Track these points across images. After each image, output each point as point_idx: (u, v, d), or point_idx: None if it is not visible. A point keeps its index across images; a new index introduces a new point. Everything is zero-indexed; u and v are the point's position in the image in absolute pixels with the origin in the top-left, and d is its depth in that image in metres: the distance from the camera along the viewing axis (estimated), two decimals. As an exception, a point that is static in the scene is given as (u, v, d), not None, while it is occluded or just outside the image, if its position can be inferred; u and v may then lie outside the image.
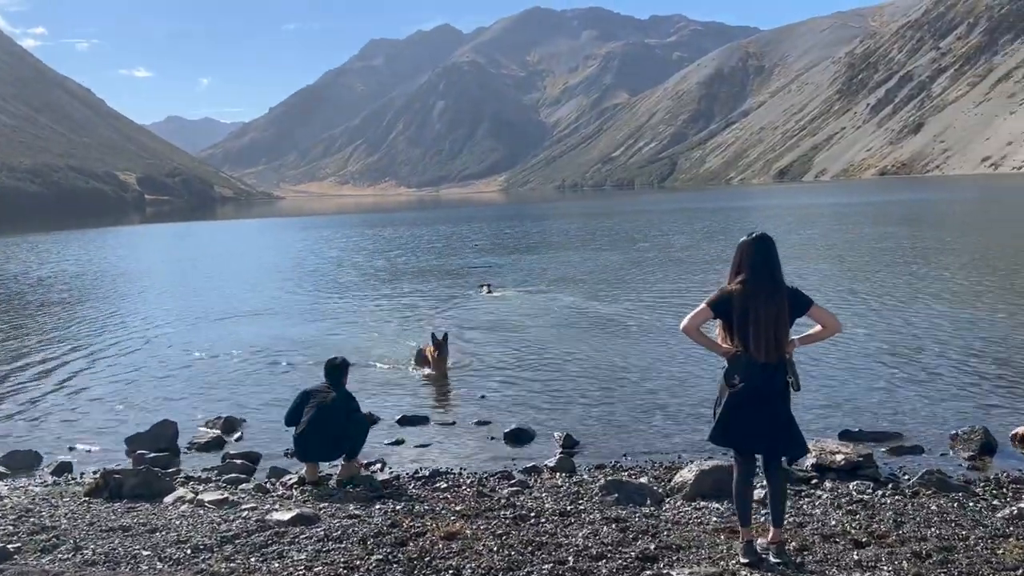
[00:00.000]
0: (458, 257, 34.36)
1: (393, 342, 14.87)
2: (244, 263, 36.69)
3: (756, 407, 4.85)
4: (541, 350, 13.61)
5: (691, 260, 27.92)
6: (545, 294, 21.40)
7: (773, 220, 51.72)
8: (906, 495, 6.49)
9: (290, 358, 13.57)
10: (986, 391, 9.86)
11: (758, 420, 4.86)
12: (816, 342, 5.15)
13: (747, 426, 4.89)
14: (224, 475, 7.85)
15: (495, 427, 9.16)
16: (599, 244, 38.73)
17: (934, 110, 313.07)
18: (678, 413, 9.43)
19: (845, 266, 24.27)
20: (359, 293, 23.07)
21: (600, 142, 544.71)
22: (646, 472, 7.46)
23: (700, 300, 5.08)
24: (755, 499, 5.58)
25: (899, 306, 16.35)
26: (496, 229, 55.48)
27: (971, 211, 56.26)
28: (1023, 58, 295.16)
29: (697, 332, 4.94)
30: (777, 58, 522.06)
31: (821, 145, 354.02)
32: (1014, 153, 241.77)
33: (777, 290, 4.87)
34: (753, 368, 4.81)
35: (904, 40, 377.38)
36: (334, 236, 54.86)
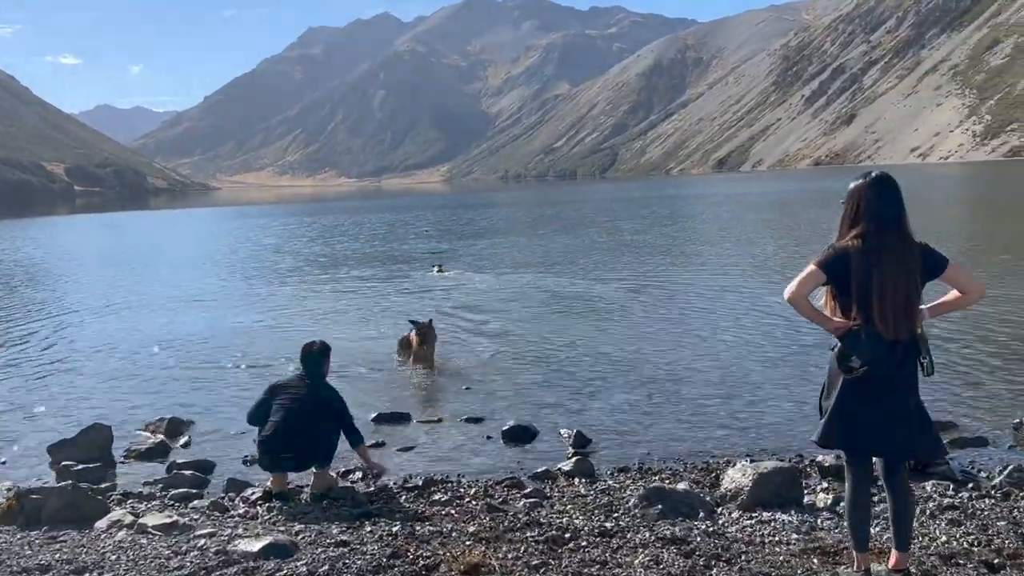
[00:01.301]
0: (404, 243, 33.38)
1: (352, 329, 13.53)
2: (180, 251, 34.60)
3: (880, 397, 3.75)
4: (520, 335, 12.43)
5: (642, 244, 27.16)
6: (501, 275, 20.72)
7: (721, 207, 51.63)
8: (997, 498, 5.51)
9: (239, 349, 12.10)
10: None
11: (882, 414, 3.76)
12: (950, 312, 4.05)
13: (869, 422, 3.79)
14: (171, 490, 6.45)
15: (489, 424, 7.94)
16: (547, 229, 38.19)
17: (865, 102, 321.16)
18: (695, 402, 8.35)
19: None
20: (307, 279, 21.70)
21: (542, 133, 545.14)
22: (681, 475, 6.34)
23: (664, 281, 3.95)
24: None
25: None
26: (441, 216, 54.77)
27: (935, 197, 56.94)
28: (949, 52, 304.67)
29: (806, 302, 3.80)
30: (715, 50, 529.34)
31: (758, 136, 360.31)
32: (940, 144, 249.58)
33: (907, 246, 3.76)
34: (877, 347, 3.71)
35: (836, 33, 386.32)
36: (275, 224, 53.02)
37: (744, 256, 22.51)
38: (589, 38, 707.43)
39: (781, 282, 14.41)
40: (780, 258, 21.55)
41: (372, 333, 13.10)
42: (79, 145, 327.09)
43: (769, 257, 22.07)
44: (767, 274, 18.27)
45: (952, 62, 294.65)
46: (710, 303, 14.63)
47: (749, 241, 27.14)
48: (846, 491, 4.03)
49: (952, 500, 5.43)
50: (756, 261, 21.23)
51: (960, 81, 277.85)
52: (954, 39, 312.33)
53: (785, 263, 20.10)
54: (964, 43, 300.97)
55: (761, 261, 21.21)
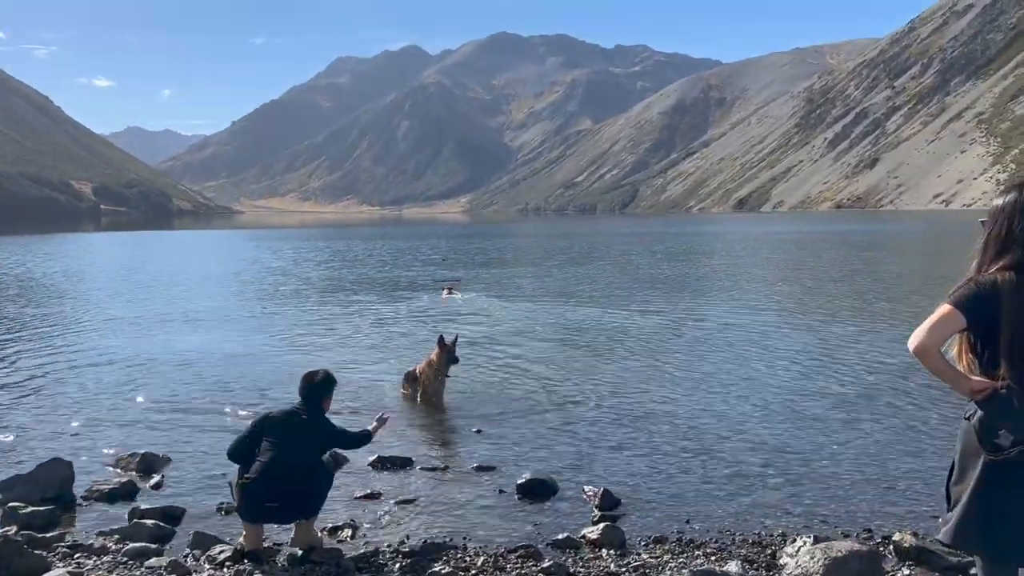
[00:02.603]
0: (415, 269, 32.79)
1: (353, 357, 12.62)
2: (192, 271, 33.96)
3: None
4: (539, 372, 11.41)
5: (668, 279, 26.14)
6: (512, 302, 20.34)
7: (740, 244, 50.61)
8: None
9: (230, 377, 11.18)
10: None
11: None
12: None
13: (1021, 522, 2.80)
14: (128, 543, 5.50)
15: (502, 475, 6.94)
16: (559, 260, 37.83)
17: (888, 147, 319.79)
18: (739, 459, 7.30)
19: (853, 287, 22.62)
20: (310, 303, 20.99)
21: (563, 167, 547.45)
22: (730, 551, 5.31)
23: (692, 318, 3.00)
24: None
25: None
26: (456, 245, 54.37)
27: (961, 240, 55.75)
28: (974, 99, 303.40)
29: (938, 354, 2.83)
30: (738, 91, 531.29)
31: (779, 177, 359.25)
32: (964, 191, 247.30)
33: None
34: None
35: (860, 78, 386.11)
36: (287, 247, 52.65)
37: (782, 295, 21.50)
38: (613, 75, 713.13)
39: (822, 323, 13.45)
40: (821, 300, 20.46)
41: (375, 363, 12.20)
42: (107, 165, 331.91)
43: (809, 298, 20.99)
44: (810, 314, 17.22)
45: (977, 110, 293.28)
46: (751, 344, 13.55)
47: (783, 280, 26.16)
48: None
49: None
50: (795, 301, 20.18)
51: (985, 129, 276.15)
52: (979, 87, 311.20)
53: (829, 304, 19.08)
54: (989, 91, 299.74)
55: (801, 301, 20.15)
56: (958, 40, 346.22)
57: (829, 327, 15.25)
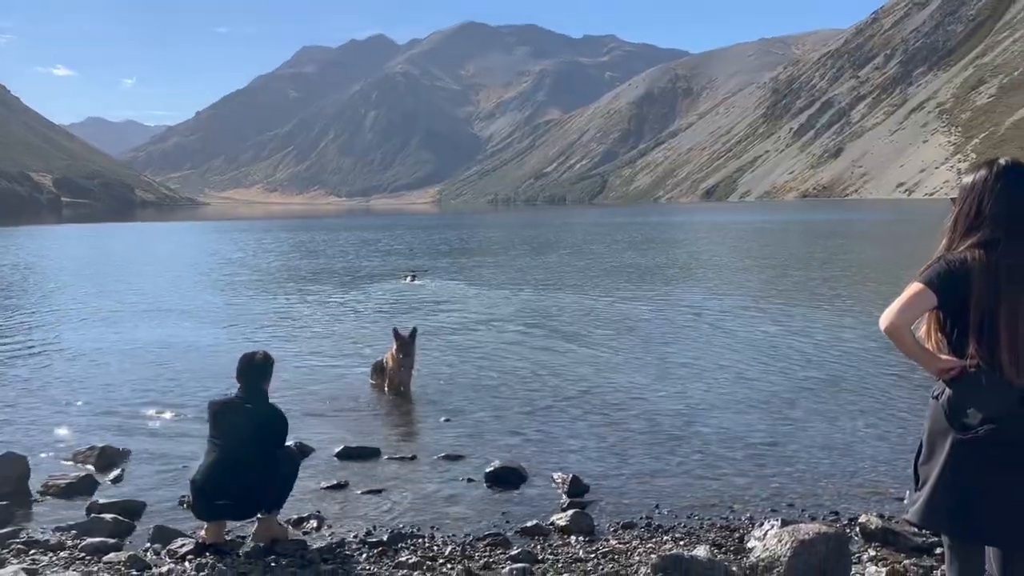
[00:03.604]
0: (379, 259, 32.74)
1: (317, 348, 12.46)
2: (152, 263, 33.38)
3: (1005, 467, 2.77)
4: (506, 359, 11.39)
5: (635, 266, 26.25)
6: (475, 287, 20.66)
7: (707, 233, 51.01)
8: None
9: (197, 368, 10.99)
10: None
11: (1008, 490, 2.77)
12: None
13: (991, 500, 2.79)
14: (85, 538, 5.36)
15: (470, 463, 6.87)
16: (531, 249, 37.89)
17: (853, 136, 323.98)
18: (706, 443, 7.32)
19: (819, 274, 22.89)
20: (273, 293, 20.76)
21: (533, 158, 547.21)
22: (698, 535, 5.31)
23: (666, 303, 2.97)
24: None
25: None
26: (422, 236, 54.16)
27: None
28: (935, 90, 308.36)
29: (909, 333, 2.82)
30: (705, 81, 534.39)
31: (746, 167, 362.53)
32: (926, 180, 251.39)
33: None
34: (1005, 398, 2.74)
35: (825, 68, 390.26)
36: (249, 239, 52.06)
37: (748, 282, 21.66)
38: (581, 66, 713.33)
39: (788, 309, 13.54)
40: (787, 287, 20.65)
41: (340, 353, 12.05)
42: (68, 156, 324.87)
43: (775, 285, 21.17)
44: (776, 301, 17.34)
45: (938, 100, 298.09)
46: (718, 330, 13.63)
47: (749, 268, 26.39)
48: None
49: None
50: (761, 288, 20.34)
51: (946, 119, 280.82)
52: (940, 78, 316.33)
53: (795, 291, 19.26)
54: (950, 82, 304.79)
55: (767, 289, 20.30)
56: (920, 31, 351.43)
57: (795, 313, 15.39)
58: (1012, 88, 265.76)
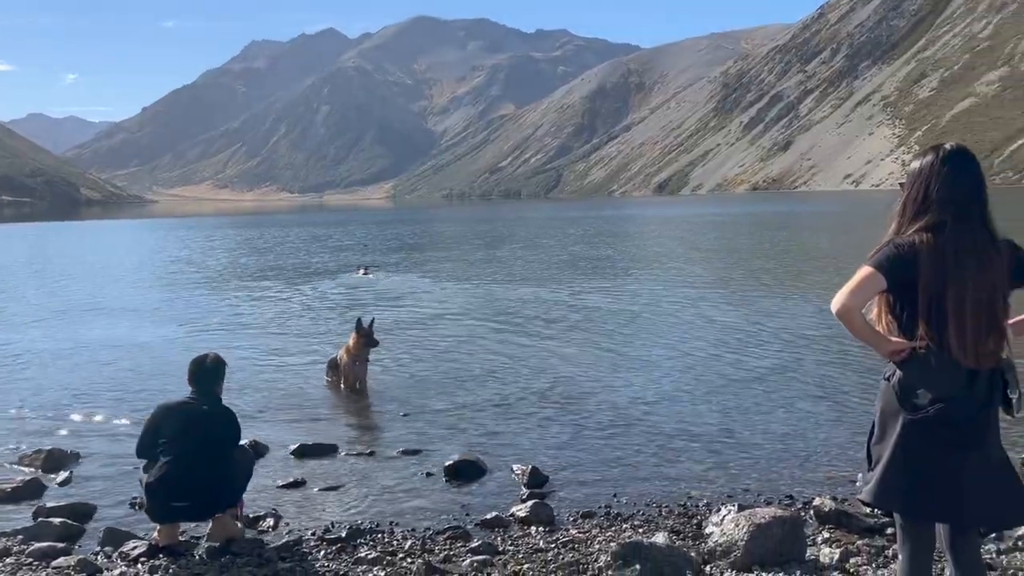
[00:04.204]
0: (331, 254, 32.57)
1: (270, 346, 12.29)
2: (97, 262, 32.56)
3: (954, 446, 2.84)
4: (462, 352, 11.38)
5: (592, 258, 26.44)
6: (429, 281, 20.83)
7: (660, 226, 51.55)
8: (1032, 551, 4.67)
9: (145, 367, 10.76)
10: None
11: (957, 468, 2.85)
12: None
13: (940, 479, 2.86)
14: (33, 543, 5.20)
15: (429, 458, 6.84)
16: (485, 243, 38.21)
17: (801, 129, 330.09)
18: (663, 432, 7.39)
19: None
20: (223, 291, 20.47)
21: (487, 152, 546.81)
22: (657, 523, 5.36)
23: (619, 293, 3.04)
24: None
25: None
26: (376, 231, 53.95)
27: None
28: (880, 83, 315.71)
29: (860, 316, 2.87)
30: (656, 75, 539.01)
31: (697, 160, 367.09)
32: (872, 171, 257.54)
33: (992, 244, 2.86)
34: (953, 378, 2.80)
35: (774, 63, 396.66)
36: (198, 237, 51.18)
37: (701, 273, 21.91)
38: (534, 60, 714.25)
39: (741, 299, 13.77)
40: (739, 277, 20.97)
41: (293, 351, 11.89)
42: (8, 154, 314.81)
43: (728, 275, 21.47)
44: (729, 291, 17.59)
45: (883, 93, 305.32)
46: (672, 320, 13.78)
47: (701, 259, 26.72)
48: (899, 566, 3.08)
49: (984, 558, 4.55)
50: (714, 278, 20.60)
51: (890, 112, 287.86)
52: (884, 71, 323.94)
53: (747, 281, 19.55)
54: (894, 75, 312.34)
55: (720, 279, 20.58)
56: (864, 26, 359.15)
57: (748, 303, 15.64)
58: (952, 81, 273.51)
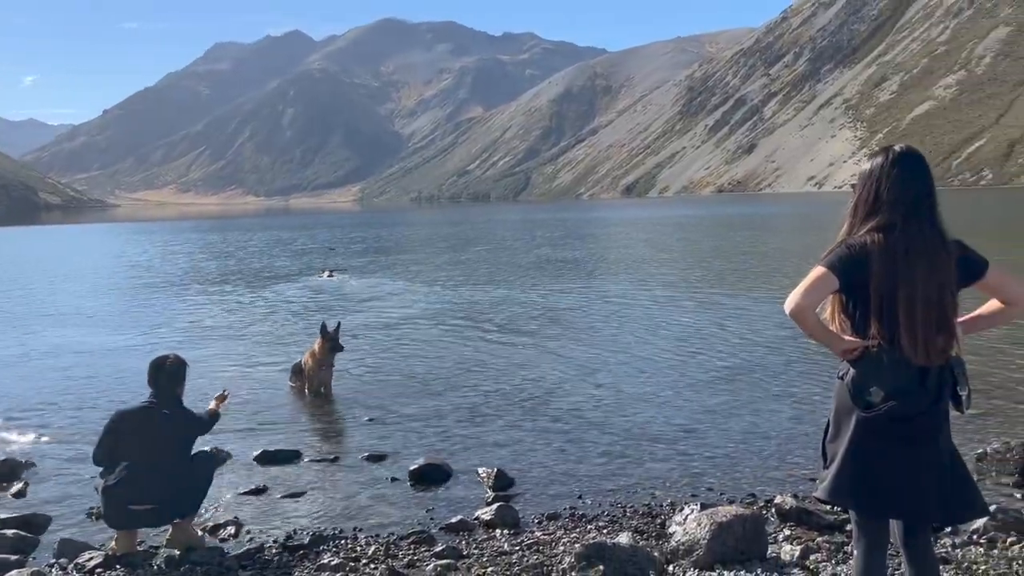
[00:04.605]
0: (295, 258, 32.44)
1: (233, 350, 12.14)
2: (53, 267, 31.94)
3: (906, 442, 2.88)
4: (428, 356, 11.35)
5: (554, 260, 26.50)
6: (400, 288, 20.63)
7: (627, 228, 51.86)
8: (984, 545, 4.75)
9: (102, 374, 10.56)
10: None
11: (910, 464, 2.88)
12: (988, 328, 3.18)
13: (893, 475, 2.90)
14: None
15: (394, 462, 6.79)
16: (452, 246, 38.30)
17: (765, 132, 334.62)
18: (628, 432, 7.42)
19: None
20: (185, 296, 20.25)
21: (456, 155, 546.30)
22: (621, 523, 5.37)
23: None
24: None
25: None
26: (347, 234, 53.60)
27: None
28: (841, 86, 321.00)
29: (813, 316, 2.90)
30: (623, 79, 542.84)
31: (664, 163, 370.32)
32: (835, 173, 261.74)
33: (941, 244, 2.91)
34: (904, 376, 2.84)
35: (738, 66, 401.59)
36: (156, 241, 50.51)
37: (666, 274, 22.06)
38: (501, 63, 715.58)
39: (706, 299, 13.88)
40: (704, 277, 21.12)
41: (256, 355, 11.78)
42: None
43: (693, 276, 21.62)
44: (694, 291, 17.73)
45: (845, 96, 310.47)
46: (638, 321, 13.85)
47: (667, 260, 26.91)
48: (855, 562, 3.11)
49: (937, 551, 4.63)
50: (679, 279, 20.74)
51: (852, 115, 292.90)
52: (846, 75, 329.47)
53: (712, 281, 19.71)
54: (855, 79, 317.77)
55: (685, 280, 20.72)
56: (826, 30, 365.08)
57: (711, 303, 15.78)
58: (912, 85, 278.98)
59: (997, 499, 5.57)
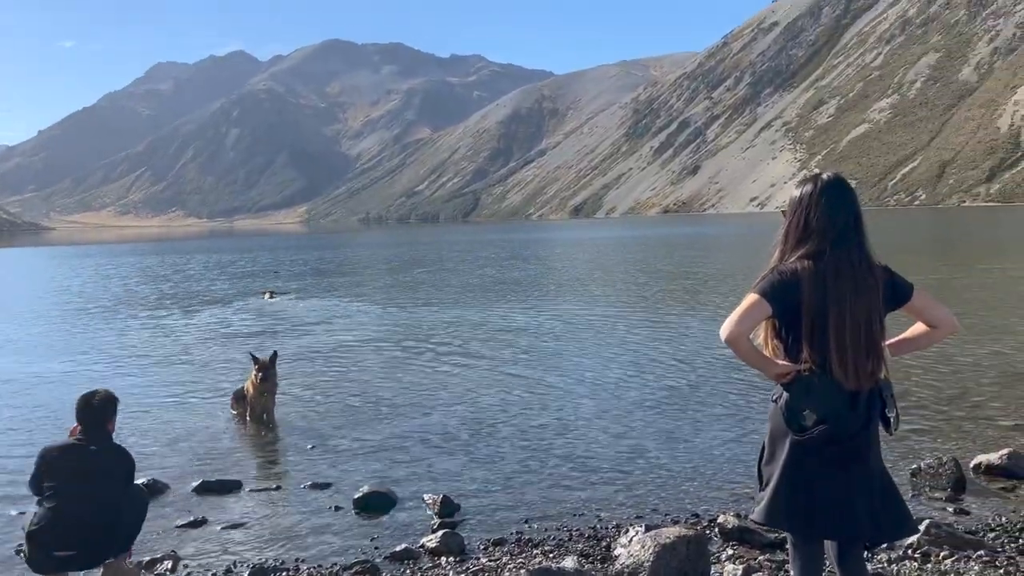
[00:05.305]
0: (234, 281, 31.96)
1: (170, 378, 11.85)
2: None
3: (839, 464, 2.94)
4: (369, 378, 11.28)
5: (498, 281, 26.57)
6: (334, 304, 20.95)
7: (574, 248, 52.33)
8: (919, 559, 4.87)
9: (33, 403, 10.19)
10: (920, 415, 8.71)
11: (842, 485, 2.95)
12: (914, 351, 3.29)
13: (826, 496, 2.96)
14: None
15: (338, 490, 6.68)
16: (399, 266, 38.25)
17: (708, 154, 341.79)
18: (572, 455, 7.43)
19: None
20: (128, 320, 19.74)
21: (404, 176, 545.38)
22: (567, 546, 5.37)
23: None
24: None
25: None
26: (291, 256, 53.00)
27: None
28: (781, 109, 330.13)
29: (747, 342, 2.96)
30: (570, 101, 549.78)
31: (611, 184, 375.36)
32: (776, 194, 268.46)
33: (869, 269, 3.00)
34: (835, 399, 2.91)
35: (682, 89, 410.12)
36: (88, 265, 49.21)
37: (612, 294, 22.26)
38: (449, 85, 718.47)
39: (651, 320, 14.02)
40: (649, 297, 21.36)
41: (195, 382, 11.48)
42: None
43: (638, 296, 21.84)
44: (639, 312, 17.91)
45: (784, 119, 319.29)
46: (582, 342, 13.93)
47: (613, 280, 27.18)
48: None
49: (873, 567, 4.74)
50: (624, 300, 20.94)
51: (792, 137, 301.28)
52: (786, 98, 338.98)
53: (656, 301, 19.94)
54: (794, 102, 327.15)
55: (630, 300, 20.93)
56: (766, 55, 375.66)
57: (655, 323, 15.97)
58: (848, 108, 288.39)
59: (931, 513, 5.72)
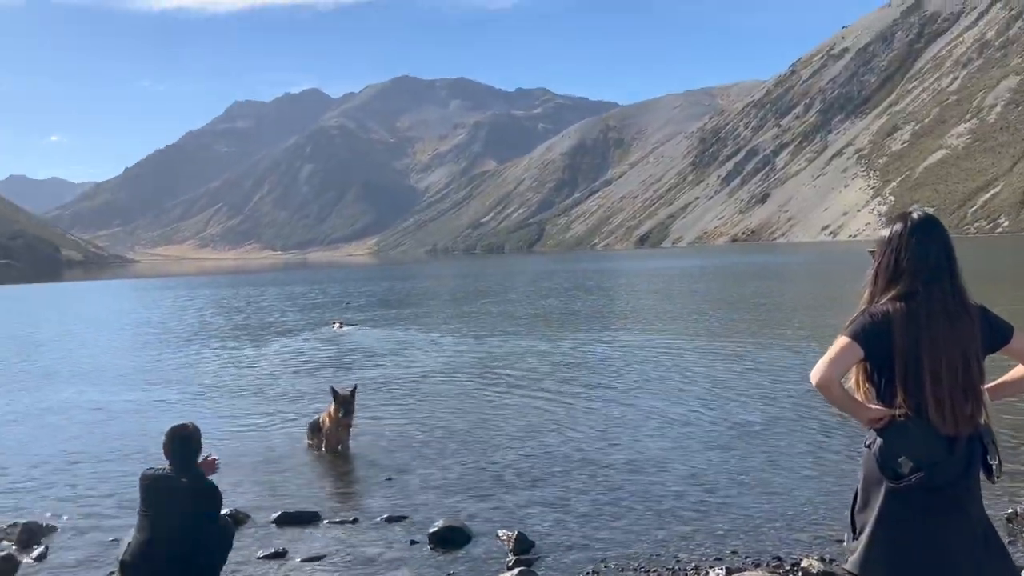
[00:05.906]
0: (305, 312, 32.41)
1: (250, 404, 12.15)
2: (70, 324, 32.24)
3: (937, 513, 2.83)
4: (440, 410, 11.35)
5: (571, 313, 26.44)
6: (416, 342, 20.44)
7: (643, 279, 51.85)
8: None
9: (124, 431, 10.57)
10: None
11: (941, 536, 2.84)
12: (1016, 394, 3.16)
13: (925, 547, 2.85)
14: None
15: (414, 524, 6.73)
16: (468, 296, 38.32)
17: (778, 182, 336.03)
18: (649, 494, 7.32)
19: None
20: (203, 350, 20.32)
21: (470, 208, 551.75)
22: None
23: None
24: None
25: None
26: (362, 287, 53.89)
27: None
28: (853, 136, 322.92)
29: (839, 387, 2.89)
30: (635, 131, 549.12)
31: (677, 213, 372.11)
32: (849, 222, 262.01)
33: (964, 310, 2.91)
34: (933, 446, 2.82)
35: (749, 117, 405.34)
36: (166, 296, 51.00)
37: (686, 326, 21.96)
38: (515, 118, 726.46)
39: (727, 353, 13.78)
40: (724, 330, 20.98)
41: (271, 413, 11.72)
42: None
43: (712, 329, 21.48)
44: (714, 345, 17.62)
45: (856, 146, 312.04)
46: (659, 377, 13.73)
47: (686, 312, 26.78)
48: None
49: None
50: (698, 332, 20.61)
51: (865, 164, 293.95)
52: (858, 125, 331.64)
53: (732, 334, 19.59)
54: (867, 129, 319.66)
55: (704, 332, 20.59)
56: (836, 81, 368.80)
57: (731, 356, 15.65)
58: (923, 134, 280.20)
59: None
